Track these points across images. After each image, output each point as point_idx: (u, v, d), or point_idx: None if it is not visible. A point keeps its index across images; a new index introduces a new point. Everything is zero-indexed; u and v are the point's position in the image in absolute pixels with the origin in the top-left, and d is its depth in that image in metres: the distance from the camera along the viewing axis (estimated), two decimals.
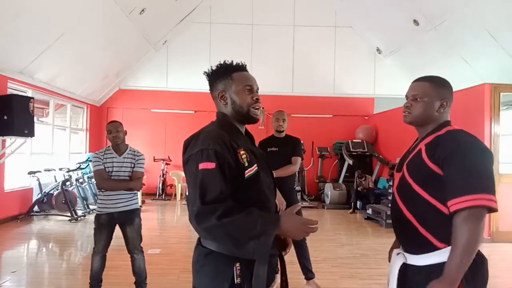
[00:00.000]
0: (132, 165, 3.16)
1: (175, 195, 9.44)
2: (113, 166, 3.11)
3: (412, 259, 1.47)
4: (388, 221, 6.44)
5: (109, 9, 7.03)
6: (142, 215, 3.31)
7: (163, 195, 9.40)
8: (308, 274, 3.49)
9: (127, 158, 3.16)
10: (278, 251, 1.50)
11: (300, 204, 1.44)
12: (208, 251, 1.38)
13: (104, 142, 9.76)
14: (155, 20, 8.67)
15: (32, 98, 6.39)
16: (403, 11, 7.86)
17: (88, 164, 7.77)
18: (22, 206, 6.89)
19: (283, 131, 3.59)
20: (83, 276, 3.77)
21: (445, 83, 1.55)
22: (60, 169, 7.65)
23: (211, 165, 1.28)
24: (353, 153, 9.21)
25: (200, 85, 8.99)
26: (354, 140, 9.52)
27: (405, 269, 1.49)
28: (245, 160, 1.35)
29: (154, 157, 9.32)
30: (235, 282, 1.31)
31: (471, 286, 1.36)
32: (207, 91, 1.53)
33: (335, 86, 10.21)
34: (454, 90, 1.59)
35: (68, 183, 7.25)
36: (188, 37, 10.00)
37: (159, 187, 9.44)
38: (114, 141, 3.14)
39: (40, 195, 7.13)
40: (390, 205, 1.67)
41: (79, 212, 7.04)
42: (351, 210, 8.15)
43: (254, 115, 1.47)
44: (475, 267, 1.38)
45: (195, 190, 1.28)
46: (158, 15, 8.54)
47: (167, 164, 9.52)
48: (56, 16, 6.17)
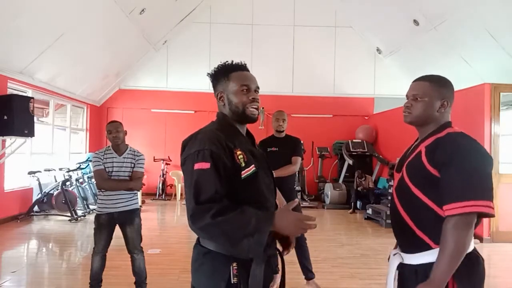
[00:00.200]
0: (132, 165, 3.16)
1: (175, 195, 9.44)
2: (113, 166, 3.11)
3: (408, 259, 1.47)
4: (388, 221, 6.44)
5: (109, 9, 7.03)
6: (142, 215, 3.31)
7: (163, 195, 9.40)
8: (308, 274, 3.49)
9: (127, 158, 3.17)
10: (278, 250, 1.49)
11: (297, 200, 1.43)
12: (206, 250, 1.38)
13: (104, 142, 9.76)
14: (155, 20, 8.67)
15: (32, 98, 6.39)
16: (403, 11, 7.86)
17: (88, 164, 7.77)
18: (22, 206, 6.89)
19: (283, 131, 3.59)
20: (83, 276, 3.77)
21: (445, 82, 1.54)
22: (60, 169, 7.66)
23: (206, 165, 1.29)
24: (353, 153, 9.21)
25: (200, 85, 9.08)
26: (354, 140, 9.52)
27: (402, 269, 1.49)
28: (241, 160, 1.35)
29: (154, 157, 9.32)
30: (232, 282, 1.32)
31: (466, 285, 1.36)
32: (207, 91, 1.55)
33: (335, 86, 10.21)
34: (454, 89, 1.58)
35: (68, 183, 7.25)
36: (188, 37, 10.00)
37: (159, 187, 9.44)
38: (114, 141, 3.14)
39: (40, 195, 7.13)
40: (389, 205, 1.67)
41: (79, 212, 7.04)
42: (351, 210, 8.15)
43: (251, 115, 1.45)
44: (471, 266, 1.39)
45: (190, 190, 1.30)
46: (158, 15, 8.54)
47: (167, 164, 9.53)
48: (56, 16, 6.17)
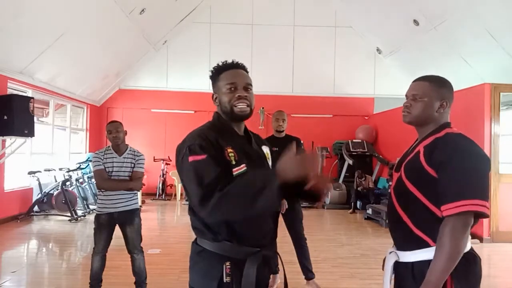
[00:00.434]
0: (132, 165, 3.16)
1: (175, 195, 9.44)
2: (113, 166, 3.11)
3: (405, 256, 1.47)
4: None
5: (109, 9, 7.03)
6: (142, 215, 3.31)
7: (163, 195, 9.40)
8: (308, 274, 3.49)
9: (127, 158, 3.16)
10: (277, 253, 1.49)
11: (293, 147, 1.32)
12: (201, 249, 1.39)
13: (104, 142, 9.76)
14: (155, 20, 8.67)
15: (32, 98, 6.39)
16: (403, 11, 7.86)
17: (88, 164, 7.77)
18: (22, 206, 6.89)
19: (283, 131, 3.59)
20: (83, 276, 3.77)
21: (445, 83, 1.54)
22: (60, 169, 7.66)
23: (201, 156, 1.28)
24: (353, 153, 9.20)
25: (200, 85, 9.09)
26: (354, 140, 9.52)
27: (397, 267, 1.50)
28: (232, 158, 1.34)
29: (154, 157, 9.32)
30: (224, 281, 1.32)
31: (463, 285, 1.36)
32: (207, 91, 1.54)
33: (335, 86, 10.21)
34: (454, 90, 1.57)
35: (68, 183, 7.25)
36: (188, 37, 10.00)
37: (159, 187, 9.44)
38: (114, 141, 3.14)
39: (40, 195, 7.12)
40: (387, 204, 1.67)
41: (79, 212, 7.04)
42: (351, 210, 8.15)
43: (239, 112, 1.42)
44: (468, 266, 1.39)
45: (192, 181, 1.27)
46: (158, 15, 8.54)
47: (167, 164, 9.53)
48: (56, 16, 6.17)
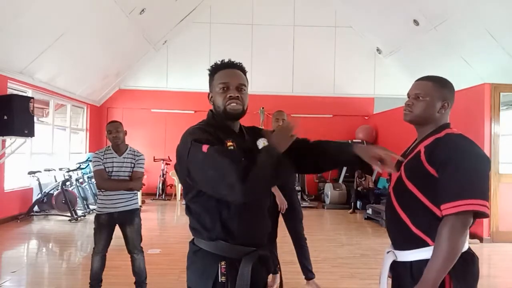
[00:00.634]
0: (132, 165, 3.16)
1: (175, 195, 9.44)
2: (113, 166, 3.11)
3: (403, 256, 1.47)
4: None
5: (109, 9, 7.03)
6: (142, 215, 3.31)
7: (163, 195, 9.40)
8: (308, 274, 3.48)
9: (127, 158, 3.16)
10: (272, 252, 1.49)
11: (287, 122, 1.48)
12: (197, 248, 1.39)
13: (104, 142, 9.76)
14: (155, 20, 8.67)
15: (32, 98, 6.38)
16: (403, 11, 7.86)
17: (88, 164, 7.77)
18: (22, 206, 6.89)
19: None
20: (83, 276, 3.77)
21: (448, 84, 1.55)
22: (60, 169, 7.66)
23: (204, 147, 1.25)
24: None
25: (200, 85, 9.07)
26: (354, 140, 9.52)
27: (395, 267, 1.50)
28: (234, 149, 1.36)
29: (154, 157, 9.32)
30: (219, 280, 1.32)
31: (462, 284, 1.37)
32: (207, 91, 1.53)
33: (335, 86, 10.21)
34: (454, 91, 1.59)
35: (68, 183, 7.25)
36: (188, 37, 10.00)
37: (159, 187, 9.44)
38: (114, 141, 3.14)
39: (40, 195, 7.12)
40: (385, 204, 1.67)
41: (79, 212, 7.04)
42: (351, 210, 8.15)
43: (231, 111, 1.40)
44: (466, 265, 1.40)
45: (219, 165, 1.21)
46: (158, 15, 8.54)
47: (167, 164, 9.52)
48: (56, 16, 6.17)
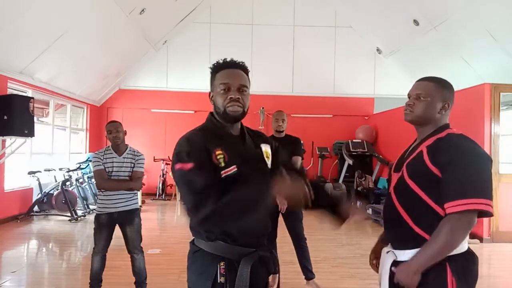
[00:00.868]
0: (132, 165, 3.16)
1: (175, 195, 9.42)
2: (113, 166, 3.11)
3: (403, 255, 1.48)
4: None
5: (109, 9, 7.03)
6: (142, 215, 3.31)
7: (163, 195, 9.40)
8: (308, 274, 3.48)
9: (127, 158, 3.16)
10: (271, 252, 1.49)
11: (282, 170, 1.45)
12: (197, 248, 1.39)
13: (104, 142, 9.76)
14: (155, 20, 8.66)
15: (32, 98, 6.38)
16: (403, 11, 7.86)
17: (88, 164, 7.76)
18: (22, 206, 6.89)
19: (283, 131, 3.59)
20: (83, 276, 3.77)
21: (448, 85, 1.56)
22: (60, 169, 7.65)
23: (188, 165, 1.28)
24: (353, 153, 9.20)
25: (200, 85, 9.09)
26: (354, 140, 9.52)
27: (396, 266, 1.49)
28: (221, 160, 1.32)
29: (154, 157, 9.32)
30: (218, 281, 1.32)
31: (463, 284, 1.38)
32: (207, 91, 1.52)
33: (335, 86, 10.20)
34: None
35: (68, 183, 7.24)
36: (188, 37, 9.99)
37: (159, 187, 9.44)
38: (114, 141, 3.14)
39: (40, 195, 7.12)
40: (384, 204, 1.67)
41: (79, 212, 7.04)
42: None
43: (231, 113, 1.38)
44: (467, 265, 1.41)
45: (183, 188, 1.30)
46: (158, 15, 8.54)
47: (167, 164, 9.52)
48: (56, 16, 6.16)
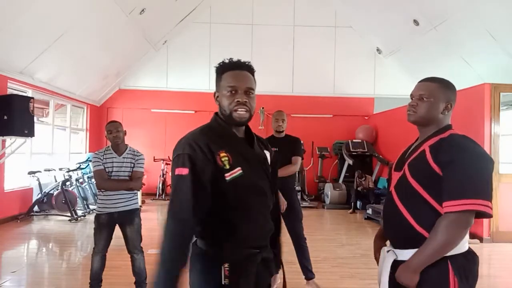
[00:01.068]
0: (132, 165, 3.16)
1: None
2: (113, 166, 3.11)
3: (404, 255, 1.48)
4: None
5: (109, 9, 7.03)
6: (142, 215, 3.31)
7: (163, 195, 9.39)
8: (308, 274, 3.49)
9: (127, 158, 3.16)
10: (274, 253, 1.48)
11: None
12: (199, 250, 1.38)
13: (104, 142, 9.75)
14: (155, 20, 8.66)
15: (32, 98, 6.38)
16: (403, 11, 7.86)
17: (88, 164, 7.76)
18: (22, 206, 6.89)
19: (282, 131, 3.59)
20: (83, 276, 3.77)
21: (451, 86, 1.57)
22: (60, 169, 7.65)
23: (184, 170, 1.28)
24: (353, 153, 9.20)
25: (200, 85, 9.10)
26: (354, 140, 9.51)
27: (395, 266, 1.50)
28: (226, 163, 1.31)
29: (154, 157, 9.32)
30: (223, 283, 1.30)
31: (465, 283, 1.39)
32: (207, 91, 1.54)
33: (335, 86, 10.20)
34: None
35: (68, 183, 7.24)
36: (188, 37, 9.99)
37: (159, 187, 9.43)
38: (114, 141, 3.14)
39: (40, 195, 7.12)
40: (384, 204, 1.67)
41: (79, 212, 7.04)
42: (351, 210, 8.15)
43: (238, 118, 1.37)
44: (468, 265, 1.42)
45: (172, 194, 1.33)
46: (158, 15, 8.54)
47: (167, 164, 9.52)
48: (56, 16, 6.16)
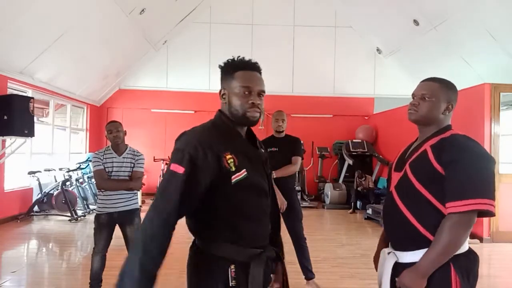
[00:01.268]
0: (132, 165, 3.17)
1: None
2: (112, 166, 3.11)
3: (405, 256, 1.48)
4: None
5: (109, 9, 7.03)
6: (142, 215, 3.28)
7: None
8: (308, 274, 3.49)
9: (127, 158, 3.17)
10: (276, 252, 1.46)
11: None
12: (203, 251, 1.35)
13: (104, 142, 9.75)
14: (155, 20, 8.66)
15: (32, 98, 6.38)
16: (403, 11, 7.86)
17: (88, 164, 7.76)
18: (22, 206, 6.89)
19: (282, 131, 3.59)
20: (83, 276, 3.77)
21: (453, 86, 1.58)
22: (60, 169, 7.65)
23: (180, 169, 1.23)
24: (353, 153, 9.20)
25: (200, 85, 9.10)
26: (354, 140, 9.51)
27: (396, 268, 1.50)
28: (231, 165, 1.27)
29: (154, 157, 9.31)
30: (230, 285, 1.27)
31: (466, 283, 1.39)
32: (207, 91, 1.53)
33: (335, 86, 10.20)
34: None
35: (68, 183, 7.24)
36: (188, 37, 9.99)
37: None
38: (114, 140, 3.14)
39: (40, 195, 7.12)
40: (384, 204, 1.67)
41: (79, 212, 7.04)
42: (351, 210, 8.15)
43: (252, 119, 1.35)
44: (470, 264, 1.42)
45: (160, 186, 1.28)
46: (158, 15, 8.54)
47: (167, 164, 9.50)
48: (56, 16, 6.16)
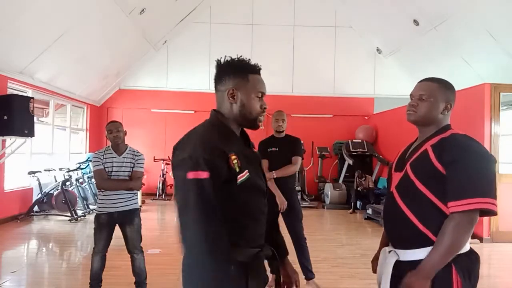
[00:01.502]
0: (132, 165, 3.16)
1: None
2: (112, 166, 3.11)
3: (406, 255, 1.48)
4: None
5: (109, 9, 7.03)
6: (142, 215, 3.31)
7: (163, 195, 9.40)
8: (308, 274, 3.49)
9: (127, 158, 3.16)
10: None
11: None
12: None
13: (104, 142, 9.75)
14: (155, 20, 8.66)
15: (32, 98, 6.39)
16: (403, 11, 7.86)
17: (88, 164, 7.76)
18: (22, 206, 6.89)
19: (282, 131, 3.59)
20: (83, 276, 3.77)
21: (451, 86, 1.58)
22: (60, 169, 7.65)
23: (203, 174, 1.19)
24: (353, 153, 9.20)
25: (200, 85, 9.10)
26: (354, 140, 9.51)
27: (398, 266, 1.49)
28: (236, 165, 1.26)
29: (154, 157, 9.32)
30: (233, 285, 1.26)
31: (467, 283, 1.39)
32: (207, 91, 1.53)
33: (335, 86, 10.21)
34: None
35: (68, 183, 7.24)
36: (188, 37, 9.99)
37: (159, 187, 9.44)
38: (114, 140, 3.14)
39: (40, 195, 7.12)
40: (385, 204, 1.67)
41: (79, 212, 7.04)
42: (351, 210, 8.15)
43: (259, 123, 1.42)
44: (471, 264, 1.43)
45: (189, 207, 1.23)
46: (158, 15, 8.54)
47: (167, 164, 9.51)
48: (56, 16, 6.16)
